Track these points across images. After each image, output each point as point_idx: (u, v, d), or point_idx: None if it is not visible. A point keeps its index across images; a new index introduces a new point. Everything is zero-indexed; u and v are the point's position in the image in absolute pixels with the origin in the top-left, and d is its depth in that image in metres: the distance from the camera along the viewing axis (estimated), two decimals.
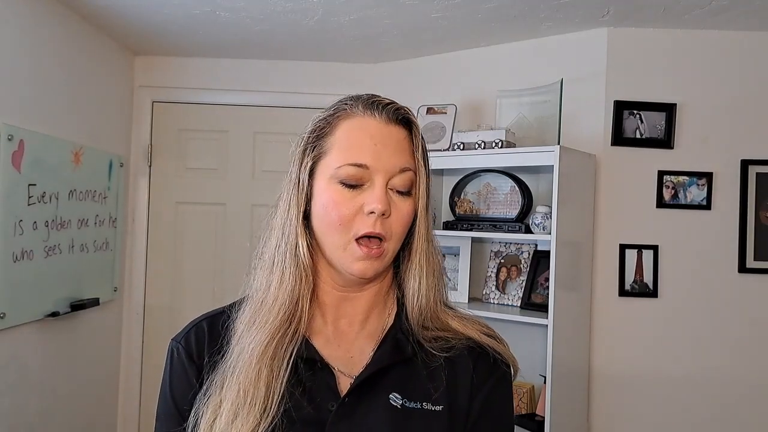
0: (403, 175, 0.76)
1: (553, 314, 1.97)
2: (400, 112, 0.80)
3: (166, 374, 0.83)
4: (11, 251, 1.96)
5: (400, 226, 0.77)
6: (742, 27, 2.19)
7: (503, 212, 2.32)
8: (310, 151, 0.79)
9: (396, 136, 0.78)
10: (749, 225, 2.18)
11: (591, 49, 2.29)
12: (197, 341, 0.82)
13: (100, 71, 2.57)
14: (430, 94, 2.58)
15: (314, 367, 0.77)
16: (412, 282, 0.80)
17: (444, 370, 0.78)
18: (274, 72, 2.88)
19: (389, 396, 0.76)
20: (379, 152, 0.75)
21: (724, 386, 2.18)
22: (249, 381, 0.73)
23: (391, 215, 0.75)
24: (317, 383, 0.76)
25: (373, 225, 0.74)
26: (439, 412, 0.75)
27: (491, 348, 0.81)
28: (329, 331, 0.81)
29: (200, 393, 0.76)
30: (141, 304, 2.85)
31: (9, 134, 1.93)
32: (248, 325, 0.77)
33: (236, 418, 0.72)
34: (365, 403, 0.75)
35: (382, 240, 0.75)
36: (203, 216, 2.90)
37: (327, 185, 0.76)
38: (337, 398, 0.75)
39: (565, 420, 2.06)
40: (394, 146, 0.77)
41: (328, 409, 0.74)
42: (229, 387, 0.74)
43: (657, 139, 2.24)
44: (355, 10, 2.18)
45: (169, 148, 2.89)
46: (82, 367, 2.47)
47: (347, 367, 0.78)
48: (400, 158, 0.77)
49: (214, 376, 0.76)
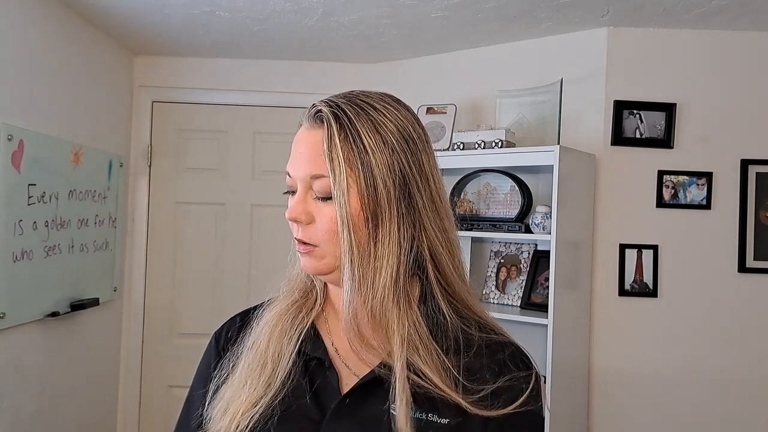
0: (317, 181, 0.73)
1: (553, 314, 1.97)
2: (320, 114, 0.73)
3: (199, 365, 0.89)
4: (11, 251, 1.96)
5: (323, 233, 0.74)
6: (742, 27, 2.19)
7: (503, 212, 2.32)
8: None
9: (312, 140, 0.73)
10: (749, 225, 2.19)
11: (591, 49, 2.29)
12: (227, 332, 0.87)
13: (100, 71, 2.57)
14: (430, 94, 2.58)
15: (322, 363, 0.77)
16: (342, 293, 0.74)
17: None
18: (274, 72, 2.88)
19: (392, 404, 0.71)
20: (297, 160, 0.75)
21: (724, 386, 2.18)
22: (258, 354, 0.77)
23: (316, 222, 0.74)
24: (322, 378, 0.76)
25: (296, 231, 0.76)
26: (444, 425, 0.71)
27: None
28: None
29: (224, 359, 0.81)
30: (141, 304, 2.85)
31: (9, 134, 1.93)
32: (270, 305, 0.83)
33: (243, 387, 0.76)
34: (365, 406, 0.73)
35: (307, 243, 0.75)
36: (203, 216, 2.90)
37: None
38: (337, 397, 0.74)
39: (565, 420, 2.06)
40: (308, 153, 0.73)
41: (329, 406, 0.74)
42: (243, 358, 0.79)
43: (657, 139, 2.24)
44: (355, 10, 2.18)
45: (169, 148, 2.89)
46: (81, 367, 2.47)
47: (357, 367, 0.76)
48: (311, 165, 0.73)
49: (234, 351, 0.81)
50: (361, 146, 0.71)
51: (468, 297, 0.79)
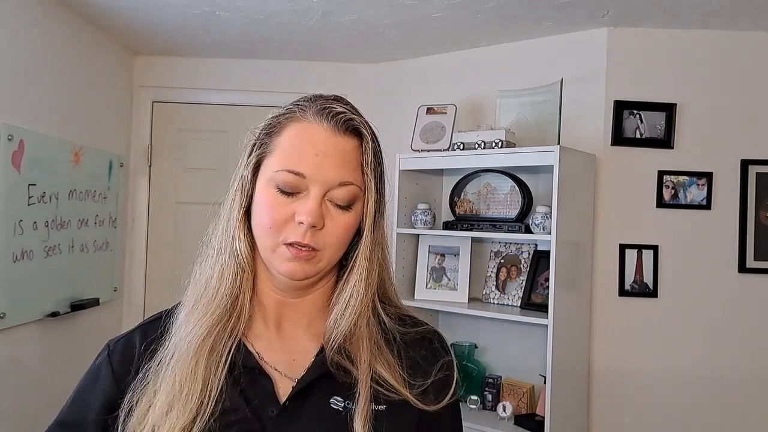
0: (343, 188, 0.73)
1: (553, 314, 1.97)
2: (351, 122, 0.74)
3: (84, 376, 0.82)
4: (11, 251, 1.96)
5: (335, 239, 0.74)
6: (741, 27, 2.19)
7: (503, 212, 2.32)
8: (257, 148, 0.77)
9: (342, 147, 0.73)
10: (749, 225, 2.19)
11: (591, 49, 2.29)
12: (127, 350, 0.79)
13: (100, 71, 2.57)
14: (430, 94, 2.58)
15: (253, 372, 0.75)
16: (341, 302, 0.76)
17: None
18: (273, 72, 2.88)
19: (330, 399, 0.74)
20: (320, 163, 0.72)
21: (724, 386, 2.18)
22: (185, 374, 0.71)
23: (325, 227, 0.72)
24: (256, 388, 0.74)
25: (302, 235, 0.71)
26: (382, 410, 0.74)
27: None
28: (271, 335, 0.79)
29: (135, 381, 0.74)
30: (141, 304, 2.85)
31: (9, 134, 1.93)
32: (188, 316, 0.76)
33: (171, 410, 0.70)
34: (307, 407, 0.73)
35: (313, 249, 0.73)
36: (203, 216, 2.89)
37: (265, 186, 0.74)
38: (276, 404, 0.73)
39: (565, 420, 2.06)
40: (338, 158, 0.72)
41: (269, 415, 0.72)
42: (164, 378, 0.72)
43: (657, 139, 2.24)
44: (355, 10, 2.18)
45: (169, 148, 2.89)
46: (82, 368, 2.44)
47: (290, 370, 0.76)
48: (342, 171, 0.72)
49: (150, 365, 0.74)
50: (381, 161, 0.78)
51: (393, 295, 0.84)
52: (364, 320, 0.76)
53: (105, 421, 0.75)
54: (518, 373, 2.31)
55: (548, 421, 1.96)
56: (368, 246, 0.76)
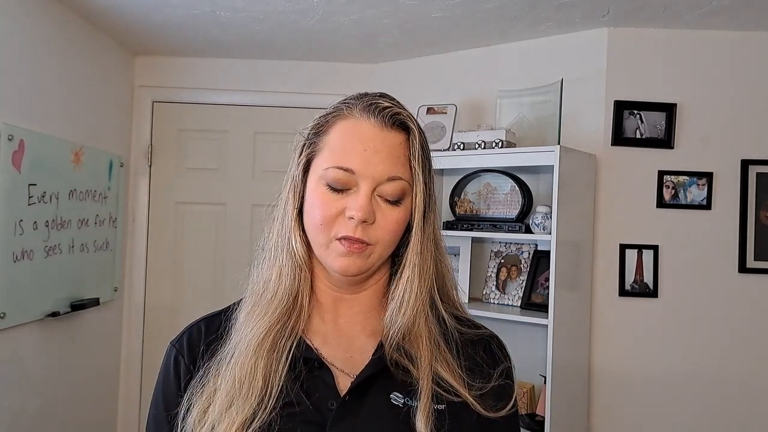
0: (392, 183, 0.74)
1: (553, 314, 1.97)
2: (398, 116, 0.76)
3: (160, 377, 0.83)
4: (11, 251, 1.96)
5: (387, 234, 0.75)
6: (742, 27, 2.19)
7: (503, 212, 2.32)
8: (306, 148, 0.79)
9: (390, 141, 0.74)
10: (749, 225, 2.19)
11: (591, 49, 2.29)
12: (191, 344, 0.81)
13: (100, 71, 2.57)
14: (430, 94, 2.58)
15: (312, 366, 0.76)
16: (396, 297, 0.77)
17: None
18: (274, 72, 2.88)
19: (390, 395, 0.75)
20: (369, 158, 0.73)
21: (724, 386, 2.18)
22: (245, 372, 0.73)
23: (376, 222, 0.74)
24: (316, 382, 0.75)
25: (353, 230, 0.73)
26: (442, 410, 0.74)
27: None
28: (328, 330, 0.80)
29: (195, 379, 0.76)
30: (141, 304, 2.85)
31: (9, 134, 1.93)
32: (248, 316, 0.78)
33: (230, 406, 0.71)
34: (366, 402, 0.74)
35: (365, 243, 0.74)
36: (203, 216, 2.90)
37: (316, 185, 0.76)
38: (336, 397, 0.74)
39: (565, 420, 2.06)
40: (386, 153, 0.74)
41: (328, 407, 0.74)
42: (224, 376, 0.74)
43: (657, 139, 2.24)
44: (355, 10, 2.18)
45: (169, 148, 2.89)
46: (81, 367, 2.47)
47: (348, 366, 0.77)
48: (391, 166, 0.74)
49: (210, 364, 0.76)
50: (429, 155, 0.79)
51: (454, 296, 0.84)
52: (422, 318, 0.77)
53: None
54: (518, 373, 2.28)
55: (548, 421, 1.96)
56: (418, 240, 0.77)
